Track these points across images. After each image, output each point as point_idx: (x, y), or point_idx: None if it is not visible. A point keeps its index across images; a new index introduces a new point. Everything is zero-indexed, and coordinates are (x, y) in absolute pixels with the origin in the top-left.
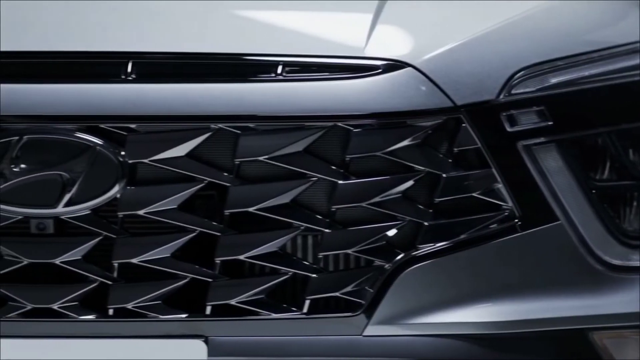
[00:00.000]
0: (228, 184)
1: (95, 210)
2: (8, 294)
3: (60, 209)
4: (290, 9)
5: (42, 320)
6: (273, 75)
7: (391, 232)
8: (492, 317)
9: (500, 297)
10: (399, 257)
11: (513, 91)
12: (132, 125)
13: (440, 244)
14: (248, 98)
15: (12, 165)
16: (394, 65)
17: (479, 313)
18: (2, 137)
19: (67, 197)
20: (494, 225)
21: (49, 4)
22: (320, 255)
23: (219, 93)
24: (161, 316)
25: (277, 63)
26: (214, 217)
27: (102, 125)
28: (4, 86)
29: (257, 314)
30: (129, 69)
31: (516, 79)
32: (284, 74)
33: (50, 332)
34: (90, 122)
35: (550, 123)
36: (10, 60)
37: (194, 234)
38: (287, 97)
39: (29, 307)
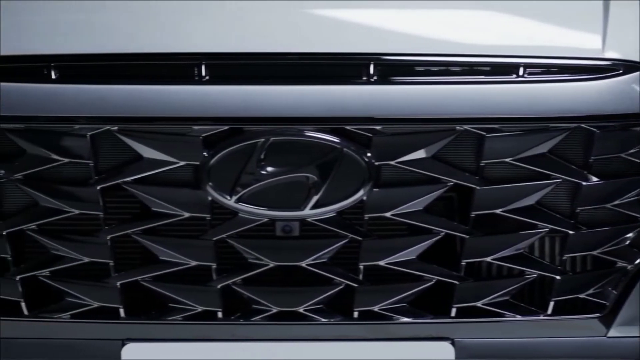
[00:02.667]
0: (474, 186)
1: (340, 212)
2: (253, 297)
3: (307, 211)
4: (514, 11)
5: (288, 324)
6: (514, 76)
7: (631, 234)
8: None
9: None
10: None
11: None
12: (378, 127)
13: None
14: (493, 99)
15: (259, 168)
16: (633, 66)
17: None
18: (247, 139)
19: (314, 199)
20: None
21: (280, 4)
22: (566, 257)
23: (464, 95)
24: (408, 319)
25: (518, 64)
26: (452, 218)
27: (347, 127)
28: (247, 88)
29: (502, 315)
30: (371, 70)
31: None
32: (525, 75)
33: (293, 335)
34: (335, 123)
35: None
36: (250, 62)
37: (440, 236)
38: (531, 99)
39: (274, 310)
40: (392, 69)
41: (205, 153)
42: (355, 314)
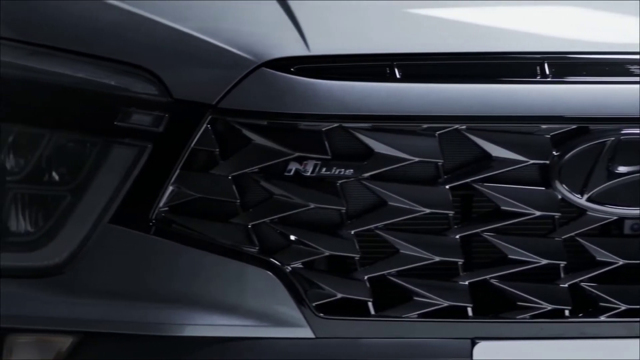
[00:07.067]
0: None
1: None
2: (602, 295)
3: None
4: None
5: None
6: None
7: None
8: None
9: None
10: None
11: None
12: None
13: None
14: None
15: (608, 166)
16: None
17: None
18: (596, 138)
19: None
20: None
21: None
22: None
23: None
24: None
25: None
26: None
27: None
28: (591, 87)
29: None
30: None
31: None
32: None
33: None
34: None
35: None
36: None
37: None
38: None
39: (622, 307)
40: None
41: (554, 152)
42: None
